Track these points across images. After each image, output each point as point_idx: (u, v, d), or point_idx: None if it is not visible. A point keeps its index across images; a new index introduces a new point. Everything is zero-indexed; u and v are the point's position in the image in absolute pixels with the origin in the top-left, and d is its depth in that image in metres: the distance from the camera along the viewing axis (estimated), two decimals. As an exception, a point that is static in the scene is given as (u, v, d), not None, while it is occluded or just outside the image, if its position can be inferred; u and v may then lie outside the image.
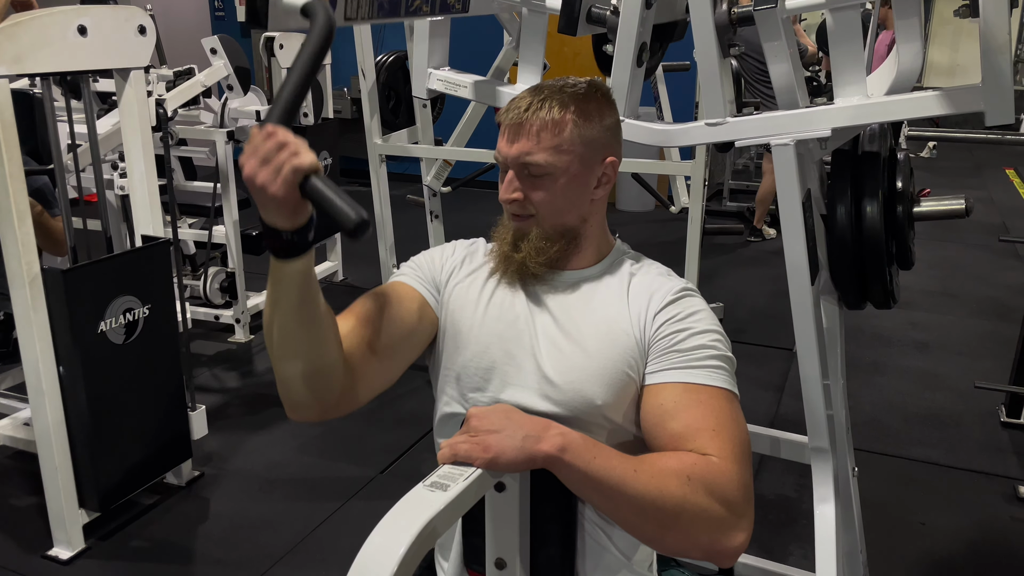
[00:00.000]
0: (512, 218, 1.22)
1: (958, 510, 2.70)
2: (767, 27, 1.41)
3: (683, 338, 1.14)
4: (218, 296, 4.07)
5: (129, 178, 2.60)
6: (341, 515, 2.66)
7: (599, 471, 0.95)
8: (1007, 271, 5.15)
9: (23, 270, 2.20)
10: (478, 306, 1.24)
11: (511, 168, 1.18)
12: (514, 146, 1.17)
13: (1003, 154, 8.76)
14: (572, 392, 1.15)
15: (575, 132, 1.16)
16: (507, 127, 1.18)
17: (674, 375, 1.12)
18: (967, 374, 3.64)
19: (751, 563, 1.97)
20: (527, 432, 0.96)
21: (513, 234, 1.22)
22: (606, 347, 1.16)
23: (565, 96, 1.17)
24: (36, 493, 2.55)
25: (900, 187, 1.57)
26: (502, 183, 1.21)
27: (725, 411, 1.09)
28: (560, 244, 1.21)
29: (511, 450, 0.95)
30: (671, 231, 5.84)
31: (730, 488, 1.00)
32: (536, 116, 1.15)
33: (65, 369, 2.33)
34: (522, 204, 1.19)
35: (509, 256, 1.22)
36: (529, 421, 0.97)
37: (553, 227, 1.20)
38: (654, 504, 0.96)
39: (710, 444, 1.04)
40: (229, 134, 3.83)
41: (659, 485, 0.96)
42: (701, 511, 0.97)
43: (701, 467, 1.00)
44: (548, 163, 1.15)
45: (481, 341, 1.21)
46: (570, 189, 1.18)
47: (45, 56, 2.17)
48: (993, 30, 1.26)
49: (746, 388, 3.52)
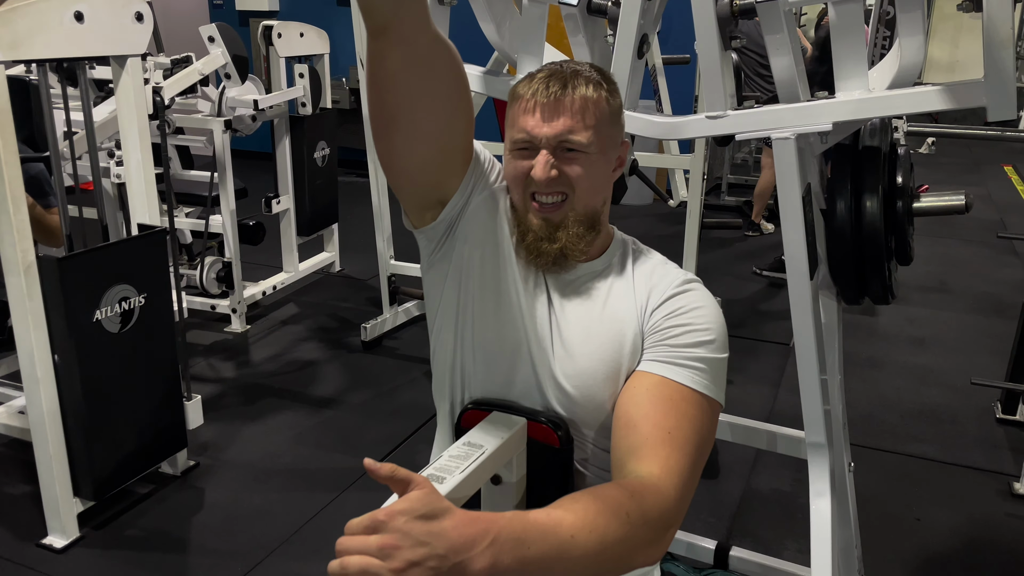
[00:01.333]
0: (540, 208, 1.15)
1: (953, 506, 2.70)
2: (769, 19, 1.40)
3: (678, 333, 1.13)
4: (214, 286, 4.06)
5: (125, 166, 2.59)
6: (336, 506, 2.66)
7: (537, 558, 0.86)
8: (1005, 267, 5.15)
9: (18, 257, 2.19)
10: (509, 283, 1.18)
11: (545, 147, 1.12)
12: (553, 124, 1.11)
13: (1002, 151, 8.77)
14: (585, 400, 1.14)
15: (606, 111, 1.14)
16: (539, 104, 1.11)
17: (657, 367, 1.11)
18: (963, 370, 3.64)
19: (746, 557, 1.97)
20: (452, 560, 0.80)
21: (546, 222, 1.15)
22: (615, 350, 1.14)
23: (593, 74, 1.15)
24: (31, 482, 2.55)
25: (900, 182, 1.56)
26: (517, 162, 1.15)
27: (690, 415, 1.07)
28: (592, 231, 1.17)
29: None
30: (669, 225, 5.84)
31: (666, 506, 0.98)
32: (577, 93, 1.11)
33: (60, 358, 2.32)
34: (558, 182, 1.13)
35: (540, 247, 1.15)
36: (454, 532, 0.81)
37: (585, 209, 1.15)
38: (599, 556, 0.91)
39: (659, 450, 1.02)
40: (226, 123, 3.81)
41: (600, 537, 0.91)
42: (639, 541, 0.95)
43: (637, 498, 0.96)
44: (590, 142, 1.12)
45: (507, 329, 1.17)
46: (603, 168, 1.16)
47: (41, 42, 2.15)
48: (996, 25, 1.25)
49: (743, 382, 3.55)
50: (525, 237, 1.17)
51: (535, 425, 1.12)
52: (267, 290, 4.36)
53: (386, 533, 0.78)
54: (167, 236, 2.62)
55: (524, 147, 1.14)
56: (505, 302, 1.18)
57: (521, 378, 1.16)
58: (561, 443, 1.12)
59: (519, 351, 1.16)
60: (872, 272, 1.56)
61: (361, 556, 0.77)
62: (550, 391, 1.15)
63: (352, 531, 0.79)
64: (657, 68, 5.26)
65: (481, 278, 1.19)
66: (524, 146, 1.13)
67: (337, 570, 0.77)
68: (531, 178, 1.13)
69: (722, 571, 1.77)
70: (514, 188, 1.17)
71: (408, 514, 0.79)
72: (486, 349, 1.19)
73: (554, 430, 1.12)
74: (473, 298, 1.19)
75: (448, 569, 0.79)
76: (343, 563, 0.77)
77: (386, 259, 3.65)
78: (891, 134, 1.62)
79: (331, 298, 4.59)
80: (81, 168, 2.94)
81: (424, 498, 0.80)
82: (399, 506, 0.79)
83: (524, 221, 1.17)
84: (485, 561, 0.82)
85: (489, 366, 1.19)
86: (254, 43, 6.83)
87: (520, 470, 1.11)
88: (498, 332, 1.17)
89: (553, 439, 1.12)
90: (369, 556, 0.77)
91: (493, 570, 0.83)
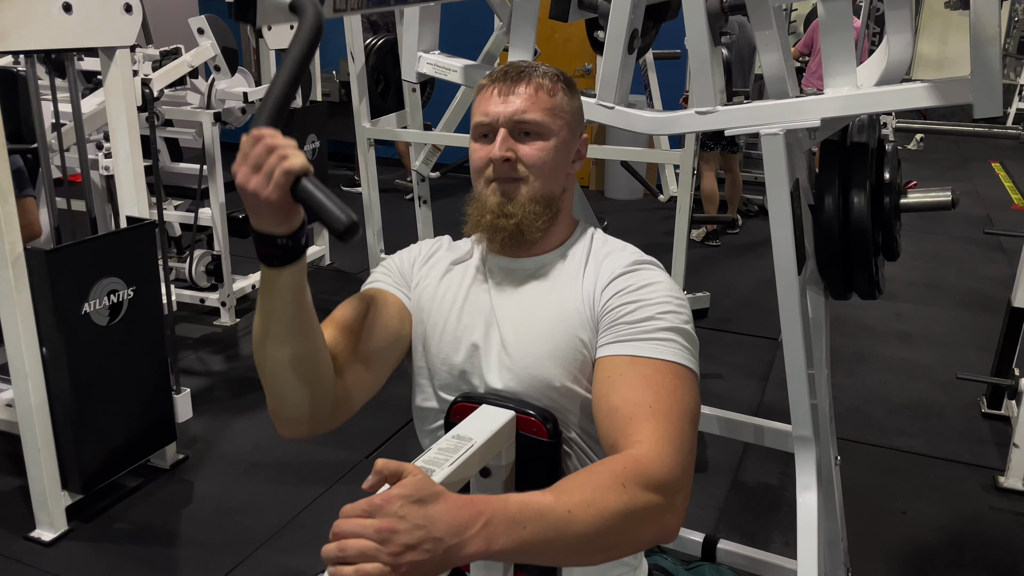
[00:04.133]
0: (498, 182, 1.18)
1: (939, 499, 2.73)
2: (758, 16, 1.41)
3: (631, 310, 1.12)
4: (204, 279, 4.04)
5: (114, 158, 2.57)
6: (326, 499, 2.66)
7: (534, 537, 0.86)
8: (991, 263, 5.19)
9: (6, 249, 2.18)
10: (445, 302, 1.24)
11: (503, 127, 1.16)
12: (509, 104, 1.16)
13: (990, 147, 8.82)
14: (529, 377, 1.15)
15: (564, 100, 1.20)
16: (497, 87, 1.18)
17: (620, 348, 1.10)
18: (949, 365, 3.67)
19: (733, 550, 1.98)
20: (448, 543, 0.81)
21: (499, 200, 1.18)
22: (558, 328, 1.15)
23: (551, 70, 1.22)
24: (18, 474, 2.54)
25: (888, 178, 1.57)
26: (477, 152, 1.19)
27: (667, 385, 1.05)
28: (547, 214, 1.19)
29: (432, 569, 0.82)
30: (659, 220, 5.84)
31: (663, 472, 0.96)
32: (531, 79, 1.18)
33: (48, 350, 2.32)
34: (513, 165, 1.16)
35: (496, 224, 1.18)
36: (448, 515, 0.81)
37: (542, 191, 1.18)
38: (599, 531, 0.90)
39: (644, 425, 1.01)
40: (216, 115, 3.80)
41: (599, 510, 0.90)
42: (642, 509, 0.93)
43: (631, 467, 0.95)
44: (545, 122, 1.17)
45: (451, 338, 1.21)
46: (560, 153, 1.19)
47: (29, 33, 2.14)
48: (983, 22, 1.26)
49: (731, 376, 3.57)
50: (482, 219, 1.19)
51: (524, 418, 1.13)
52: (256, 283, 4.35)
53: (383, 517, 0.78)
54: (156, 229, 2.61)
55: (484, 132, 1.18)
56: (447, 301, 1.23)
57: (481, 372, 1.18)
58: (550, 436, 1.13)
59: (463, 341, 1.20)
60: (859, 267, 1.57)
61: (359, 539, 0.78)
62: (501, 374, 1.17)
63: (348, 516, 0.80)
64: (648, 63, 5.27)
65: (427, 296, 1.25)
66: (484, 131, 1.18)
67: (334, 553, 0.78)
68: (490, 161, 1.17)
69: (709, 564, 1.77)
70: (475, 177, 1.21)
71: (404, 499, 0.80)
72: (445, 357, 1.22)
73: (543, 423, 1.12)
74: (422, 315, 1.24)
75: (443, 552, 0.80)
76: (341, 546, 0.78)
77: (376, 253, 3.64)
78: (879, 130, 1.63)
79: (321, 292, 4.56)
80: (69, 160, 2.93)
81: (418, 483, 0.81)
82: (395, 491, 0.80)
83: (482, 205, 1.20)
84: (480, 544, 0.82)
85: (450, 371, 1.21)
86: (244, 35, 6.80)
87: (509, 463, 1.12)
88: (451, 336, 1.21)
89: (542, 432, 1.13)
90: (367, 539, 0.77)
91: (488, 552, 0.83)
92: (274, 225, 0.94)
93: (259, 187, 0.89)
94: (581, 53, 6.52)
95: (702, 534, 2.02)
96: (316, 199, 0.88)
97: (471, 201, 1.22)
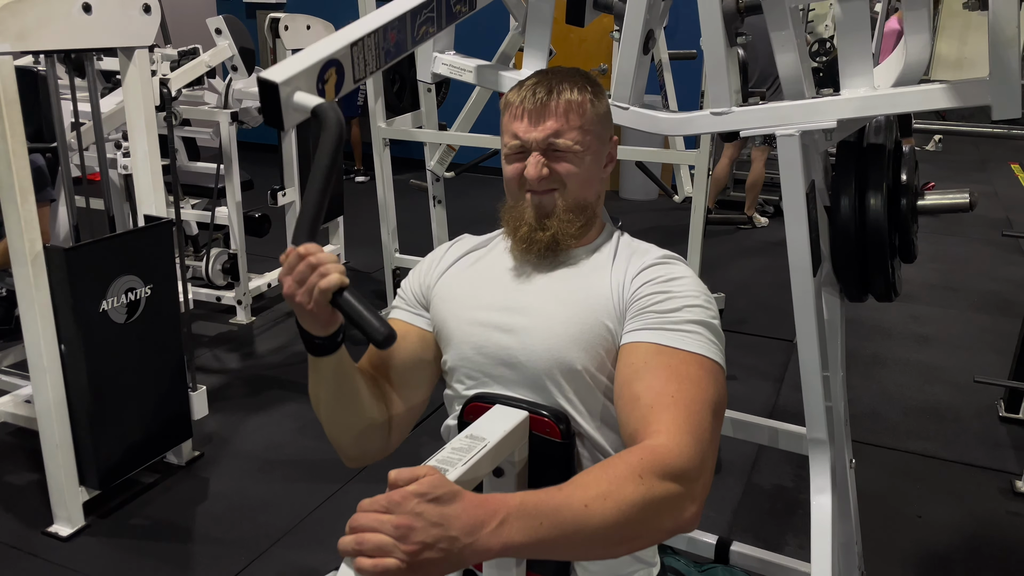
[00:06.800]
0: (534, 194, 1.22)
1: (955, 504, 2.71)
2: (774, 16, 1.40)
3: (660, 300, 1.14)
4: (220, 277, 4.07)
5: (132, 157, 2.60)
6: (340, 497, 2.67)
7: (551, 533, 0.86)
8: (1009, 266, 5.14)
9: (26, 247, 2.20)
10: (464, 287, 1.28)
11: (535, 150, 1.20)
12: (540, 128, 1.19)
13: (1009, 148, 8.73)
14: (551, 359, 1.16)
15: (592, 112, 1.22)
16: (527, 111, 1.20)
17: (647, 335, 1.11)
18: (967, 368, 3.64)
19: (747, 552, 1.98)
20: (464, 542, 0.81)
21: (536, 211, 1.22)
22: (585, 312, 1.17)
23: (577, 78, 1.23)
24: (37, 470, 2.57)
25: (904, 180, 1.56)
26: (512, 166, 1.23)
27: (692, 376, 1.06)
28: (582, 219, 1.23)
29: (448, 567, 0.82)
30: (674, 220, 5.82)
31: (680, 462, 0.96)
32: (561, 98, 1.19)
33: (66, 347, 2.34)
34: (550, 180, 1.21)
35: (533, 236, 1.22)
36: (464, 514, 0.82)
37: (576, 200, 1.22)
38: (617, 523, 0.89)
39: (664, 414, 1.01)
40: (233, 115, 3.82)
41: (616, 502, 0.89)
42: (660, 499, 0.93)
43: (648, 458, 0.95)
44: (577, 142, 1.19)
45: (472, 332, 1.23)
46: (593, 165, 1.23)
47: (49, 33, 2.16)
48: (1002, 23, 1.25)
49: (746, 378, 3.55)
50: (519, 230, 1.23)
51: (537, 418, 1.13)
52: (272, 282, 4.37)
53: (400, 514, 0.79)
54: (173, 227, 2.63)
55: (517, 152, 1.21)
56: (468, 284, 1.28)
57: (505, 362, 1.20)
58: (563, 436, 1.13)
59: (486, 324, 1.22)
60: (875, 269, 1.56)
61: (377, 534, 0.78)
62: (518, 354, 1.18)
63: (366, 510, 0.81)
64: (663, 64, 5.25)
65: (443, 297, 1.29)
66: (517, 151, 1.21)
67: (351, 546, 0.78)
68: (524, 178, 1.21)
69: (723, 566, 1.77)
70: (510, 190, 1.25)
71: (421, 496, 0.80)
72: (465, 352, 1.24)
73: (556, 423, 1.13)
74: (440, 317, 1.29)
75: (459, 550, 0.81)
76: (359, 539, 0.78)
77: (391, 252, 3.65)
78: (895, 131, 1.62)
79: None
80: (88, 159, 2.95)
81: (435, 482, 0.82)
82: (412, 488, 0.81)
83: (519, 216, 1.23)
84: (496, 541, 0.83)
85: (472, 366, 1.23)
86: (261, 35, 6.84)
87: (522, 463, 1.12)
88: (470, 331, 1.24)
89: (555, 432, 1.13)
90: (384, 534, 0.78)
91: (505, 550, 0.83)
92: (314, 328, 1.07)
93: (303, 300, 1.01)
94: (597, 52, 6.51)
95: (715, 536, 2.01)
96: (354, 311, 0.98)
97: (506, 209, 1.26)
